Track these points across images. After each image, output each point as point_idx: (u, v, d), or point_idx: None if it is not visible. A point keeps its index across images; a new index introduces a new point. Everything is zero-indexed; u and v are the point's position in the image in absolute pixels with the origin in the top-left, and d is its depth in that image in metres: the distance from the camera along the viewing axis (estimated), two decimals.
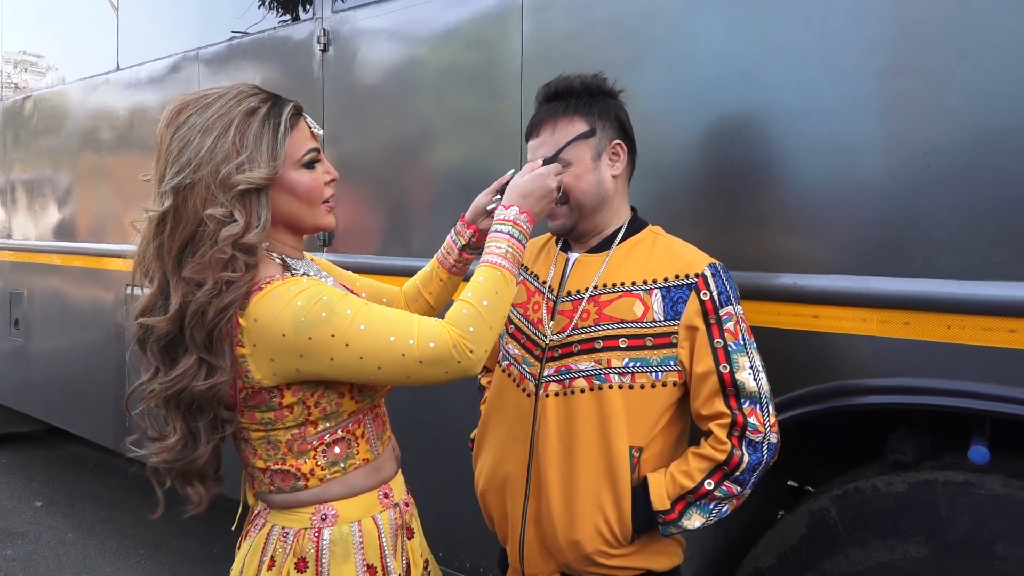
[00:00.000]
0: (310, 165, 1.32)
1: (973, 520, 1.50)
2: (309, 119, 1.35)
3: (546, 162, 1.47)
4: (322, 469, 1.33)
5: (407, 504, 1.46)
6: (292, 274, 1.32)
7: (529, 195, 1.40)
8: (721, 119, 1.77)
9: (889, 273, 1.55)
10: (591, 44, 2.01)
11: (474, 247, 1.63)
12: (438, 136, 2.42)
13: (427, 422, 2.34)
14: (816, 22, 1.63)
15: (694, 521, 1.43)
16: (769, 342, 1.68)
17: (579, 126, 1.50)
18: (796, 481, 2.39)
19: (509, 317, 1.61)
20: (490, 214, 1.57)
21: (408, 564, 1.43)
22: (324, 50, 2.70)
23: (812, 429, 1.88)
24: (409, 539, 1.45)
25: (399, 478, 1.47)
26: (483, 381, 1.85)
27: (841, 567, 1.63)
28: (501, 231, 1.37)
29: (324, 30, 2.70)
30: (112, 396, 3.80)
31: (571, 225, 1.54)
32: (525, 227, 1.38)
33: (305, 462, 1.33)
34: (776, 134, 1.70)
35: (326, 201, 1.37)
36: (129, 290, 3.59)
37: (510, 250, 1.35)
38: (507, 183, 1.53)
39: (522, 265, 1.63)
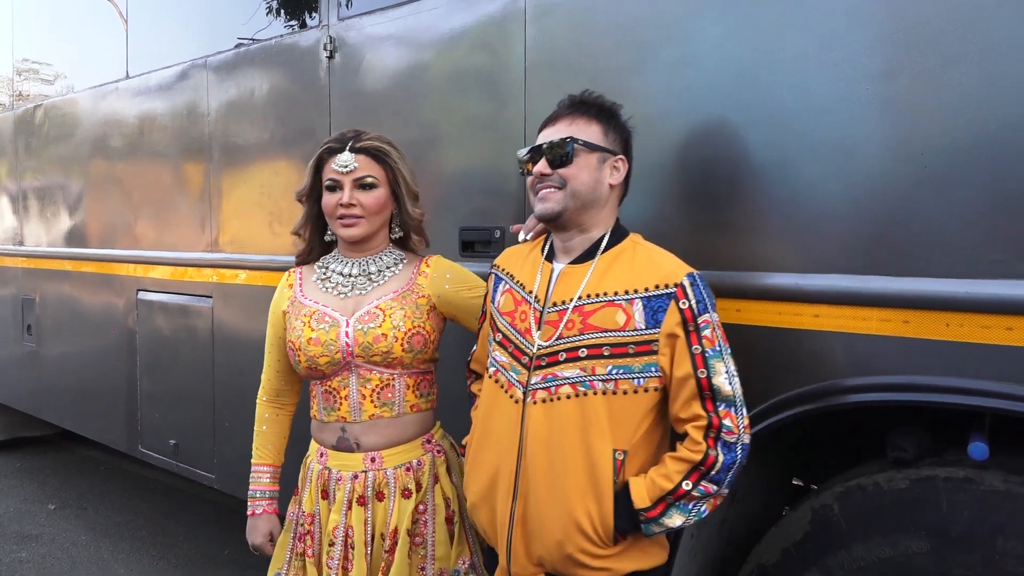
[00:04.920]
0: (331, 189, 1.82)
1: (973, 515, 1.52)
2: (338, 157, 1.80)
3: (562, 143, 1.57)
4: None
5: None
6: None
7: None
8: (721, 122, 1.80)
9: (889, 272, 1.57)
10: (593, 49, 2.03)
11: None
12: (443, 141, 2.45)
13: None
14: (814, 25, 1.66)
15: (675, 520, 1.48)
16: (772, 341, 1.70)
17: (595, 130, 1.59)
18: (802, 480, 2.41)
19: (497, 326, 1.68)
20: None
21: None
22: (330, 57, 2.73)
23: (816, 428, 1.91)
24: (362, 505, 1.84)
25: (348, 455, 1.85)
26: (474, 388, 1.88)
27: (843, 563, 1.65)
28: None
29: (330, 37, 2.73)
30: (123, 400, 3.85)
31: (560, 211, 1.58)
32: None
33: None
34: (775, 136, 1.72)
35: (341, 218, 1.80)
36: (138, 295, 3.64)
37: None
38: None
39: (506, 272, 1.73)
